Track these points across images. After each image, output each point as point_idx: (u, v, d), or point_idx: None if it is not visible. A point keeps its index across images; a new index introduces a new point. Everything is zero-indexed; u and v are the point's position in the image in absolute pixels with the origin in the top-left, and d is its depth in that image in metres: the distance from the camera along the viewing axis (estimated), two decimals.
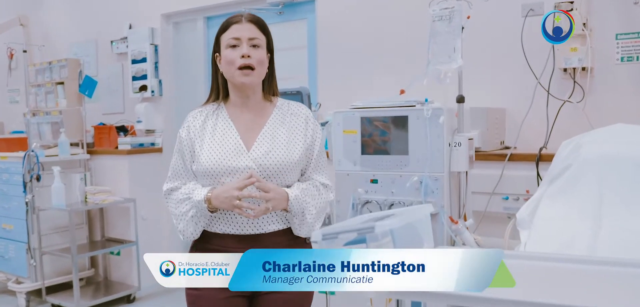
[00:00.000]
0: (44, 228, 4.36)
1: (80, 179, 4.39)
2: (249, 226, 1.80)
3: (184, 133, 1.88)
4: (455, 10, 2.43)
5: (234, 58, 1.81)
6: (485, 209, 2.87)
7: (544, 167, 2.61)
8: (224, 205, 1.75)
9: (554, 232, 2.03)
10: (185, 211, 1.82)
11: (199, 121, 1.88)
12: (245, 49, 1.80)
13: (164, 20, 4.77)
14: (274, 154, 1.81)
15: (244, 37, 1.81)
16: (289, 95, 3.10)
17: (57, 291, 4.42)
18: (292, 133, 1.86)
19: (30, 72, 4.81)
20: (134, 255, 4.47)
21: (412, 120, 2.48)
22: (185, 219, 1.83)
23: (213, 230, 1.84)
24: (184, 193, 1.84)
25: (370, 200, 2.56)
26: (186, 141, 1.87)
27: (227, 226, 1.82)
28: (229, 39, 1.82)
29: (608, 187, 2.00)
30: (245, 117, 1.87)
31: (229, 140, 1.83)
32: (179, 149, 1.89)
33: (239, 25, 1.84)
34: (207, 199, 1.77)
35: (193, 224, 1.82)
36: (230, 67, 1.82)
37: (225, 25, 1.86)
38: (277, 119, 1.88)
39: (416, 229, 1.40)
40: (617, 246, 1.90)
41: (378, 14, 3.62)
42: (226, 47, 1.83)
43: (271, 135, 1.84)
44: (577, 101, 2.89)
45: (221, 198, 1.75)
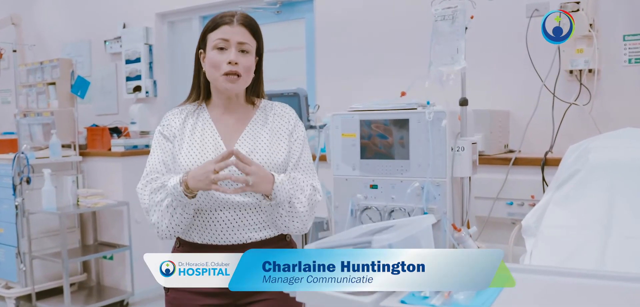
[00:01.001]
0: (35, 232, 4.28)
1: (72, 182, 4.31)
2: (232, 235, 1.69)
3: (162, 131, 1.77)
4: (459, 10, 2.35)
5: (220, 62, 1.70)
6: (488, 214, 2.80)
7: (550, 171, 2.55)
8: (201, 184, 1.59)
9: (561, 241, 1.98)
10: (159, 200, 1.68)
11: (178, 121, 1.77)
12: (233, 54, 1.69)
13: (159, 20, 4.68)
14: (255, 155, 1.70)
15: (233, 40, 1.70)
16: (285, 97, 3.01)
17: (47, 296, 4.34)
18: (275, 134, 1.77)
19: (21, 72, 4.73)
20: (128, 259, 4.38)
21: (413, 123, 2.39)
22: (159, 209, 1.68)
23: (191, 239, 1.73)
24: (158, 182, 1.70)
25: (369, 206, 2.47)
26: (164, 141, 1.76)
27: (207, 234, 1.70)
28: (217, 39, 1.71)
29: (618, 194, 1.95)
30: (227, 119, 1.78)
31: (209, 141, 1.72)
32: (156, 146, 1.77)
33: (229, 27, 1.72)
34: (183, 182, 1.63)
35: (168, 216, 1.67)
36: (215, 71, 1.71)
37: (215, 23, 1.74)
38: (260, 120, 1.79)
39: (418, 242, 1.31)
40: (627, 257, 1.84)
41: (378, 13, 3.54)
42: (213, 47, 1.72)
43: (253, 137, 1.74)
44: (583, 104, 2.83)
45: (198, 177, 1.59)
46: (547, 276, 1.36)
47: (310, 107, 3.34)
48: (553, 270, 1.41)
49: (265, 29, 4.78)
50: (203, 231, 1.71)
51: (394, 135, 2.44)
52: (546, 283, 1.32)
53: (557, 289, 1.28)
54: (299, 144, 1.79)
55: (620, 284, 1.27)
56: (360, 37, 3.61)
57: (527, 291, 1.28)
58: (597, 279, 1.32)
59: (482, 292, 1.20)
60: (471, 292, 1.19)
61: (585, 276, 1.34)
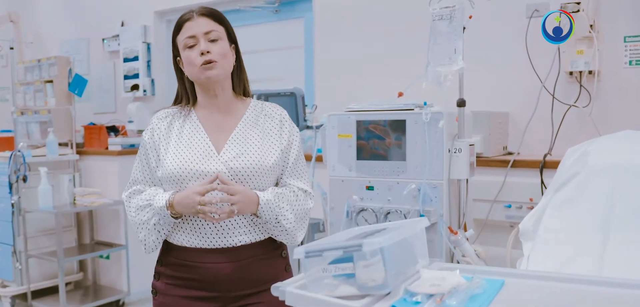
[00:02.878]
0: (31, 230, 4.26)
1: (69, 180, 4.29)
2: (219, 238, 1.66)
3: (148, 136, 1.75)
4: (457, 10, 2.32)
5: (194, 58, 1.68)
6: (486, 217, 2.77)
7: (549, 174, 2.52)
8: (187, 210, 1.62)
9: (558, 245, 1.95)
10: (146, 218, 1.69)
11: (165, 123, 1.75)
12: (203, 44, 1.68)
13: (157, 18, 4.65)
14: (246, 156, 1.68)
15: (199, 33, 1.68)
16: (282, 97, 2.98)
17: (43, 295, 4.31)
18: (266, 135, 1.74)
19: (19, 69, 4.71)
20: (124, 259, 4.36)
21: (410, 124, 2.36)
22: (147, 227, 1.69)
23: (178, 242, 1.70)
24: (144, 199, 1.70)
25: (365, 207, 2.44)
26: (150, 145, 1.74)
27: (194, 237, 1.68)
28: (185, 39, 1.70)
29: (617, 198, 1.92)
30: (215, 118, 1.75)
31: (197, 142, 1.70)
32: (142, 153, 1.76)
33: (190, 22, 1.71)
34: (170, 205, 1.64)
35: (155, 233, 1.69)
36: (192, 68, 1.70)
37: (178, 25, 1.74)
38: (250, 120, 1.76)
39: (410, 245, 1.28)
40: (626, 262, 1.81)
41: (377, 13, 3.51)
42: (184, 48, 1.71)
43: (243, 137, 1.71)
44: (583, 106, 2.80)
45: (184, 203, 1.61)
46: (544, 281, 1.33)
47: (308, 107, 3.30)
48: (550, 275, 1.38)
49: (263, 27, 4.75)
50: (192, 234, 1.68)
51: (390, 136, 2.41)
52: (543, 289, 1.29)
53: (555, 295, 1.26)
54: (294, 149, 1.77)
55: (619, 290, 1.25)
56: (359, 37, 3.58)
57: (524, 297, 1.25)
58: (595, 286, 1.29)
59: (476, 298, 1.17)
60: (464, 297, 1.16)
61: (583, 282, 1.31)
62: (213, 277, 1.67)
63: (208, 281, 1.67)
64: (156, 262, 1.78)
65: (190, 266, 1.68)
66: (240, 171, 1.65)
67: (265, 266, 1.72)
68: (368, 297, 1.13)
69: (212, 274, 1.66)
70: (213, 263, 1.66)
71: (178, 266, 1.70)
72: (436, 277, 1.22)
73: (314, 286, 1.16)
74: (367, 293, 1.13)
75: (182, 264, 1.69)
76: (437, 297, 1.14)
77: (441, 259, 2.27)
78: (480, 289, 1.18)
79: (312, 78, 3.87)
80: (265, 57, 4.12)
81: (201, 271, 1.67)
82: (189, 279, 1.69)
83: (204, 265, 1.66)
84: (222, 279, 1.67)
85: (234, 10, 4.06)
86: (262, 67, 4.06)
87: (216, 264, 1.66)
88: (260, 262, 1.71)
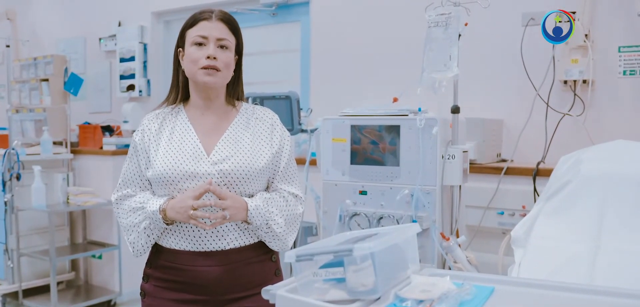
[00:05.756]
0: (24, 229, 4.24)
1: (63, 179, 4.28)
2: (209, 242, 1.66)
3: (138, 137, 1.74)
4: (452, 17, 2.32)
5: (199, 57, 1.68)
6: (479, 223, 2.77)
7: (542, 182, 2.53)
8: (180, 217, 1.61)
9: (550, 252, 1.95)
10: (137, 221, 1.69)
11: (156, 124, 1.74)
12: (212, 49, 1.67)
13: (154, 19, 4.65)
14: (236, 159, 1.67)
15: (212, 36, 1.68)
16: (277, 100, 2.98)
17: (35, 294, 4.29)
18: (256, 139, 1.74)
19: (15, 67, 4.70)
20: (116, 259, 4.35)
21: (404, 130, 2.36)
22: (137, 230, 1.69)
23: (168, 245, 1.70)
24: (137, 202, 1.70)
25: (358, 212, 2.44)
26: (140, 146, 1.73)
27: (184, 240, 1.67)
28: (196, 36, 1.69)
29: (608, 207, 1.93)
30: (206, 120, 1.74)
31: (187, 143, 1.69)
32: (133, 155, 1.75)
33: (207, 22, 1.70)
34: (162, 210, 1.64)
35: (145, 236, 1.69)
36: (193, 66, 1.69)
37: (193, 20, 1.72)
38: (241, 123, 1.76)
39: (401, 251, 1.28)
40: (617, 270, 1.82)
41: (373, 18, 3.52)
42: (191, 44, 1.70)
43: (233, 140, 1.71)
44: (577, 115, 2.81)
45: (176, 209, 1.61)
46: (534, 288, 1.34)
47: (303, 111, 3.31)
48: (540, 283, 1.38)
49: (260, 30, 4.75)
50: (182, 237, 1.68)
51: (384, 141, 2.42)
52: (533, 296, 1.29)
53: (544, 303, 1.26)
54: (285, 154, 1.77)
55: (609, 299, 1.25)
56: (355, 42, 3.58)
57: (513, 304, 1.25)
58: (585, 294, 1.29)
59: (466, 304, 1.18)
60: (454, 303, 1.16)
61: (573, 290, 1.31)
62: (203, 280, 1.66)
63: (198, 284, 1.67)
64: (145, 264, 1.77)
65: (180, 269, 1.68)
66: (229, 173, 1.65)
67: (255, 270, 1.72)
68: (358, 301, 1.13)
69: (201, 277, 1.66)
70: (203, 266, 1.66)
71: (168, 268, 1.70)
72: (426, 283, 1.22)
73: (304, 290, 1.17)
74: (357, 298, 1.13)
75: (171, 266, 1.69)
76: (427, 302, 1.14)
77: (433, 265, 2.27)
78: (470, 295, 1.19)
79: (307, 82, 3.87)
80: (262, 60, 4.12)
81: (191, 274, 1.66)
82: (178, 282, 1.68)
83: (193, 268, 1.66)
84: (211, 282, 1.66)
85: (232, 13, 4.05)
86: (259, 70, 4.06)
87: (206, 267, 1.66)
88: (250, 266, 1.71)
